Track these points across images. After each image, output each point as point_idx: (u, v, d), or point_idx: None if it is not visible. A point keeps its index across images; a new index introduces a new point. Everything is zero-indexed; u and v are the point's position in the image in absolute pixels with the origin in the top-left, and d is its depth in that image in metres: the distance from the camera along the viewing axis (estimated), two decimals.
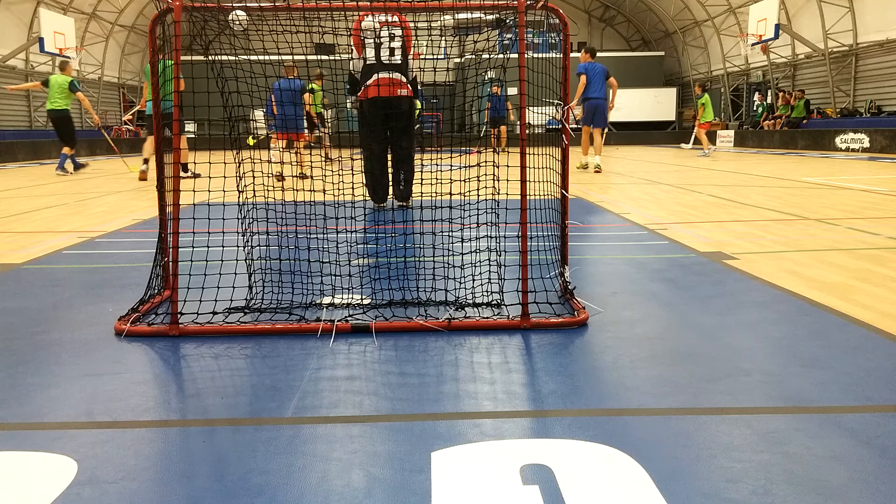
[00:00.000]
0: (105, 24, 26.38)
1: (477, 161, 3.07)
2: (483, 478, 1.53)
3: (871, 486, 1.48)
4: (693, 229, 5.08)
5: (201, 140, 12.12)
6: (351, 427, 1.80)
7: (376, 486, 1.50)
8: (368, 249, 4.14)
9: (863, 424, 1.77)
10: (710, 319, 2.77)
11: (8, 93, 22.07)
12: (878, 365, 2.20)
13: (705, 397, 1.99)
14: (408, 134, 6.35)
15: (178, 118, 2.68)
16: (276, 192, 3.45)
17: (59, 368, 2.26)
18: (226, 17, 2.94)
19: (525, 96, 2.74)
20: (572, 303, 2.88)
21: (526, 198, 2.73)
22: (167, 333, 2.58)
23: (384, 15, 5.84)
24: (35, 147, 19.81)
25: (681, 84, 31.25)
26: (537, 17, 3.01)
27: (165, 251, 2.90)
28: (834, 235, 4.72)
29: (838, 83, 21.56)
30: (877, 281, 3.33)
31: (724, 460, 1.60)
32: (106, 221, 5.81)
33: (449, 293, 2.97)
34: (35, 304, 3.10)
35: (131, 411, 1.92)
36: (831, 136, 19.27)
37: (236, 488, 1.50)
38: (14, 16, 21.90)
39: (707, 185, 8.89)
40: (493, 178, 2.97)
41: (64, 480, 1.53)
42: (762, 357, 2.31)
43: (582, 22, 33.05)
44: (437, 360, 2.30)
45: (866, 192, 7.66)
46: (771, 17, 20.65)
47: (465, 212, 3.19)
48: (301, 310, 2.81)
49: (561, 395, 2.01)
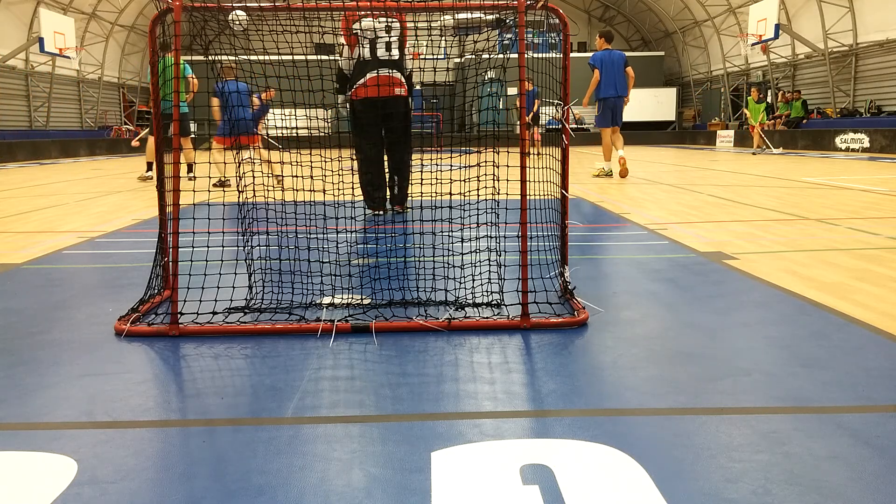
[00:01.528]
0: (105, 24, 26.38)
1: (477, 161, 3.07)
2: (483, 478, 1.53)
3: (871, 486, 1.48)
4: (693, 229, 5.08)
5: (201, 140, 12.11)
6: (351, 427, 1.80)
7: (376, 486, 1.50)
8: (368, 249, 4.14)
9: (863, 424, 1.77)
10: (710, 319, 2.76)
11: (7, 93, 22.11)
12: (878, 365, 2.20)
13: (705, 397, 1.99)
14: (406, 136, 6.01)
15: (177, 118, 2.68)
16: (276, 192, 3.45)
17: (59, 368, 2.26)
18: (226, 17, 2.94)
19: (524, 96, 2.74)
20: (572, 303, 2.88)
21: (526, 198, 2.73)
22: (167, 333, 2.58)
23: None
24: (35, 147, 19.82)
25: (681, 84, 31.25)
26: (537, 17, 3.01)
27: (165, 251, 2.90)
28: (834, 235, 4.72)
29: (838, 83, 21.56)
30: (877, 281, 3.33)
31: (724, 460, 1.60)
32: (106, 221, 5.80)
33: (449, 293, 2.97)
34: (35, 304, 3.10)
35: (131, 411, 1.92)
36: (831, 136, 19.27)
37: (236, 488, 1.50)
38: (14, 16, 21.90)
39: (707, 185, 8.88)
40: (493, 178, 2.97)
41: (64, 480, 1.53)
42: (762, 357, 2.30)
43: (582, 22, 33.05)
44: (437, 360, 2.30)
45: (866, 192, 7.66)
46: (771, 17, 20.66)
47: (465, 212, 3.19)
48: (301, 310, 2.81)
49: (561, 395, 2.01)
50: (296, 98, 3.06)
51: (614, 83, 10.16)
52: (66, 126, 25.17)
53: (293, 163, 3.14)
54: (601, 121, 10.43)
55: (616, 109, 10.23)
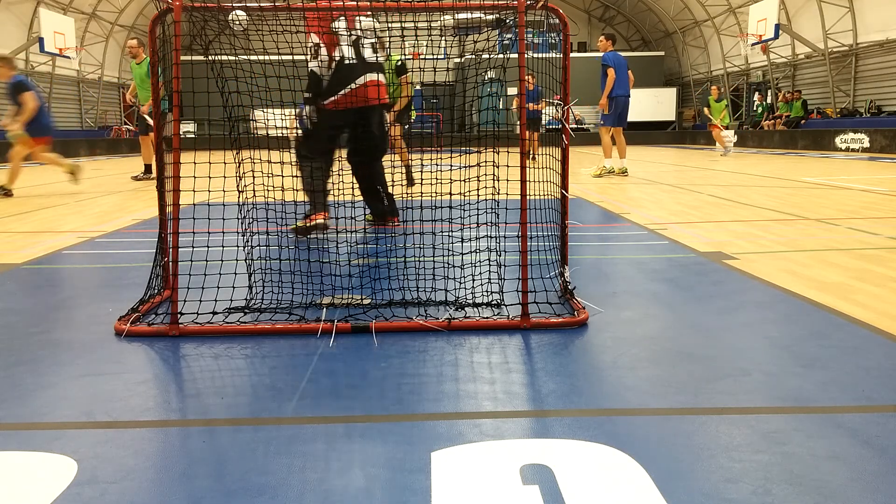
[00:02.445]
0: (105, 24, 26.38)
1: (477, 161, 3.07)
2: (483, 478, 1.53)
3: (871, 486, 1.48)
4: (693, 229, 5.08)
5: (201, 140, 12.12)
6: (351, 427, 1.80)
7: (376, 486, 1.50)
8: (368, 249, 4.14)
9: (863, 424, 1.77)
10: (710, 319, 2.76)
11: None
12: (878, 365, 2.20)
13: (705, 397, 1.99)
14: (385, 143, 5.37)
15: (177, 118, 2.68)
16: (276, 192, 3.45)
17: (59, 368, 2.26)
18: (226, 17, 2.94)
19: (524, 96, 2.74)
20: (572, 303, 2.88)
21: (526, 198, 2.73)
22: (167, 333, 2.58)
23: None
24: None
25: (681, 84, 31.23)
26: (537, 17, 3.01)
27: (165, 251, 2.89)
28: (833, 235, 4.72)
29: (838, 83, 21.56)
30: (876, 281, 3.33)
31: (724, 460, 1.60)
32: (106, 221, 5.80)
33: (449, 293, 2.97)
34: (35, 304, 3.10)
35: (131, 411, 1.92)
36: (831, 136, 19.27)
37: (236, 488, 1.50)
38: (14, 16, 21.90)
39: (707, 185, 8.88)
40: (493, 178, 2.97)
41: (64, 480, 1.53)
42: (762, 357, 2.30)
43: (582, 22, 33.04)
44: (437, 360, 2.30)
45: (866, 192, 7.66)
46: (771, 17, 20.66)
47: (465, 212, 3.19)
48: (301, 310, 2.80)
49: (561, 395, 2.01)
50: (295, 98, 3.05)
51: (625, 83, 10.26)
52: (66, 126, 25.15)
53: (293, 163, 3.14)
54: (610, 119, 10.42)
55: (625, 109, 10.35)
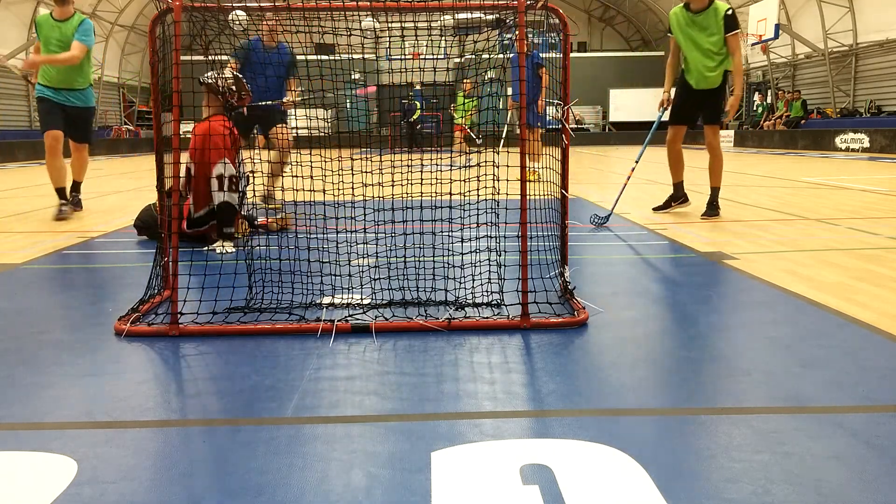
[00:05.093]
0: (105, 24, 26.37)
1: (477, 161, 3.07)
2: (483, 478, 1.53)
3: (871, 486, 1.48)
4: (693, 229, 5.08)
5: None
6: (351, 427, 1.80)
7: (376, 486, 1.50)
8: (368, 249, 4.14)
9: (863, 424, 1.77)
10: (710, 319, 2.76)
11: (8, 93, 22.12)
12: (878, 365, 2.20)
13: (705, 397, 1.99)
14: None
15: (177, 118, 2.67)
16: (276, 192, 3.45)
17: (59, 368, 2.25)
18: (226, 17, 2.94)
19: (524, 96, 2.74)
20: (572, 303, 2.88)
21: (526, 198, 2.72)
22: (167, 333, 2.58)
23: None
24: (35, 147, 19.79)
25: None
26: (537, 17, 3.01)
27: (165, 251, 2.89)
28: (833, 235, 4.72)
29: (838, 83, 21.56)
30: (876, 281, 3.33)
31: (724, 460, 1.60)
32: (106, 221, 5.80)
33: (449, 293, 2.97)
34: (35, 304, 3.10)
35: (131, 411, 1.92)
36: (831, 136, 19.26)
37: (236, 488, 1.50)
38: (14, 16, 21.89)
39: (707, 185, 8.86)
40: (493, 178, 2.97)
41: (64, 480, 1.53)
42: (762, 357, 2.30)
43: (582, 22, 33.04)
44: (437, 360, 2.30)
45: (866, 192, 7.66)
46: (771, 17, 20.66)
47: (465, 212, 3.19)
48: (301, 310, 2.80)
49: (561, 395, 2.01)
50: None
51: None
52: None
53: (293, 163, 3.14)
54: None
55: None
